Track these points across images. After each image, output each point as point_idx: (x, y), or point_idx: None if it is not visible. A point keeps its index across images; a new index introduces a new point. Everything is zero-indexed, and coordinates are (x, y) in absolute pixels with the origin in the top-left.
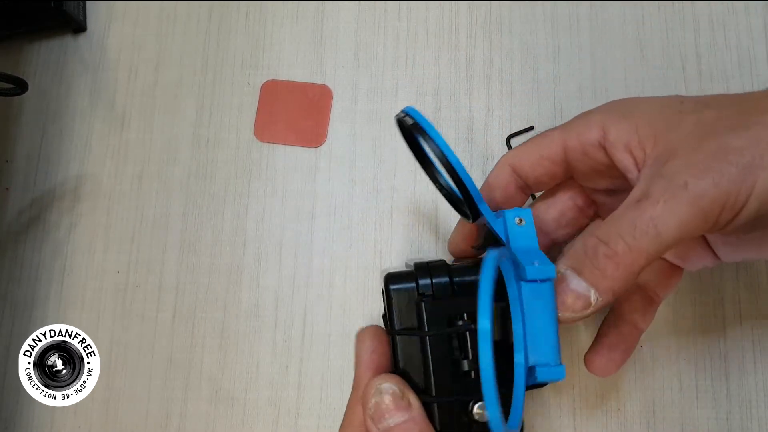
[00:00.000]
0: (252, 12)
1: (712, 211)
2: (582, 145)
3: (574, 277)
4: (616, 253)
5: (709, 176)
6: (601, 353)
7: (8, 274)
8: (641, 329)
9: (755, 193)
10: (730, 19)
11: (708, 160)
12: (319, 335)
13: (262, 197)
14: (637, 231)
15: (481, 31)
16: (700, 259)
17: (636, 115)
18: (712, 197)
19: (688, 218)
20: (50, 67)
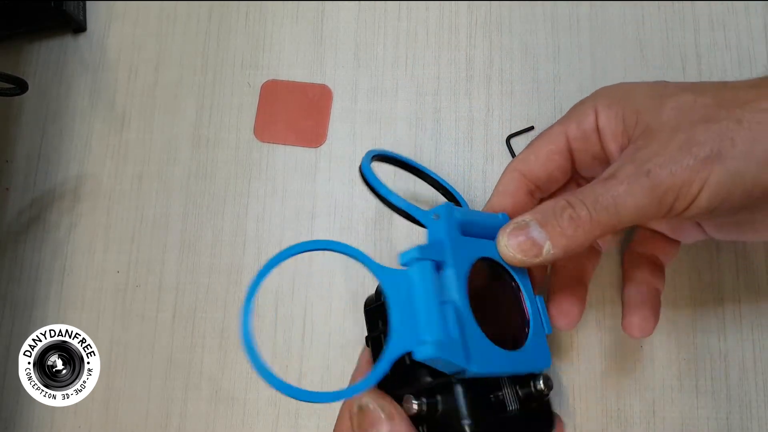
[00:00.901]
0: (252, 12)
1: (666, 199)
2: (582, 132)
3: (536, 226)
4: (579, 217)
5: (670, 166)
6: (633, 312)
7: (8, 274)
8: (658, 288)
9: (707, 186)
10: (730, 19)
11: (673, 152)
12: (319, 335)
13: (262, 197)
14: (599, 204)
15: (481, 31)
16: (692, 234)
17: (622, 103)
18: (667, 186)
19: (644, 203)
20: (50, 67)
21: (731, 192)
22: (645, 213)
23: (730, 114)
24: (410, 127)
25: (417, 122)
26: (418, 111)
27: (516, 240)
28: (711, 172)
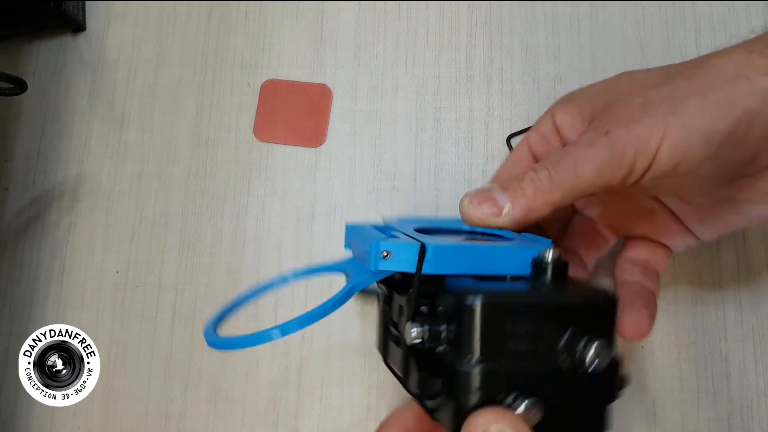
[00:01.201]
0: (252, 12)
1: (626, 155)
2: (541, 136)
3: (498, 190)
4: (539, 179)
5: (627, 124)
6: (624, 311)
7: (7, 274)
8: (651, 289)
9: (666, 140)
10: (730, 19)
11: (630, 113)
12: (318, 336)
13: (262, 197)
14: (559, 165)
15: (482, 31)
16: (681, 238)
17: (575, 98)
18: (625, 141)
19: (603, 160)
20: (49, 67)
21: (690, 143)
22: (605, 172)
23: (682, 76)
24: (410, 127)
25: (417, 122)
26: (418, 111)
27: (477, 199)
28: (667, 125)
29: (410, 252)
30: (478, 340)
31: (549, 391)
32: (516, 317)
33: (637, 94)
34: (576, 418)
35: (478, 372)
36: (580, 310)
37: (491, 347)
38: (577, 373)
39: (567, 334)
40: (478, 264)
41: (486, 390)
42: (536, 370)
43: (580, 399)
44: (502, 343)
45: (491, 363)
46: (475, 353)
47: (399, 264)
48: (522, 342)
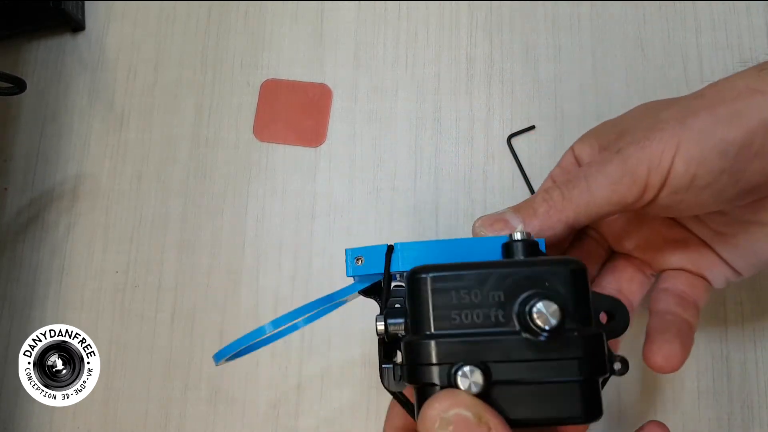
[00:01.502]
0: (252, 11)
1: (639, 171)
2: (562, 170)
3: (510, 212)
4: (551, 198)
5: (639, 142)
6: (655, 340)
7: (7, 274)
8: (687, 320)
9: (680, 153)
10: (731, 18)
11: (641, 131)
12: (318, 336)
13: (262, 197)
14: (571, 184)
15: (482, 31)
16: (718, 270)
17: (593, 131)
18: (638, 158)
19: (616, 176)
20: (49, 67)
21: (705, 154)
22: (619, 189)
23: (692, 95)
24: (410, 127)
25: (417, 122)
26: (419, 110)
27: (489, 221)
28: (680, 139)
29: (380, 254)
30: (424, 314)
31: (504, 359)
32: (460, 287)
33: (647, 117)
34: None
35: (424, 344)
36: (534, 274)
37: (439, 320)
38: (533, 339)
39: (519, 299)
40: (448, 257)
41: (436, 364)
42: (485, 338)
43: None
44: (448, 315)
45: (438, 335)
46: (424, 327)
47: (372, 267)
48: (470, 311)
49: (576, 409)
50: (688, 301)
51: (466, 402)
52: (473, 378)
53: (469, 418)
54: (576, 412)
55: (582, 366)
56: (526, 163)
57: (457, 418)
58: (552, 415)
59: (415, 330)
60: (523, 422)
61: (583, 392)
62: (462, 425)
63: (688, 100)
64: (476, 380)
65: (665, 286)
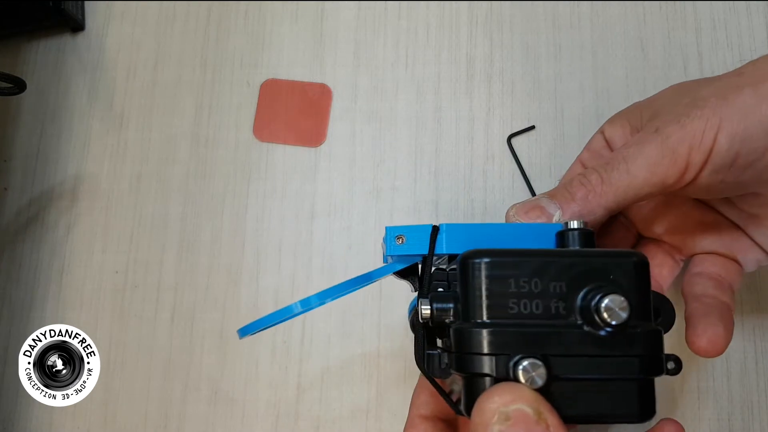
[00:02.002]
0: (251, 11)
1: (680, 150)
2: (593, 153)
3: (546, 199)
4: (589, 182)
5: (678, 119)
6: (698, 324)
7: (6, 274)
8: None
9: (723, 131)
10: (731, 18)
11: (679, 110)
12: (318, 336)
13: (262, 197)
14: (609, 166)
15: (482, 30)
16: (752, 253)
17: (624, 113)
18: (678, 137)
19: (656, 156)
20: (48, 67)
21: (749, 132)
22: (660, 169)
23: (731, 73)
24: (410, 127)
25: (417, 122)
26: (419, 110)
27: (524, 208)
28: (722, 116)
29: (424, 234)
30: (480, 301)
31: (564, 354)
32: (520, 275)
33: (685, 95)
34: (612, 391)
35: (479, 333)
36: (598, 266)
37: (495, 308)
38: (597, 334)
39: (583, 291)
40: (497, 243)
41: (491, 354)
42: (545, 330)
43: (609, 364)
44: (505, 303)
45: (495, 324)
46: (478, 315)
47: (413, 247)
48: (529, 301)
49: (632, 407)
50: (724, 284)
51: (527, 397)
52: (536, 372)
53: (529, 415)
54: (632, 410)
55: (642, 364)
56: (526, 163)
57: (516, 414)
58: (607, 413)
59: (466, 316)
60: (576, 419)
61: (641, 390)
62: (521, 421)
63: (727, 77)
64: (540, 374)
65: (699, 270)
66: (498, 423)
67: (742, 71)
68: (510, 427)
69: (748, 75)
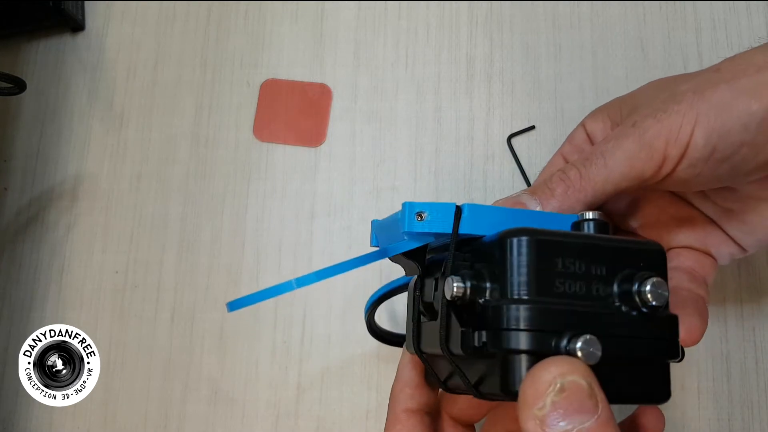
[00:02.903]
0: (251, 11)
1: (657, 144)
2: (574, 147)
3: (526, 195)
4: (568, 177)
5: (655, 114)
6: None
7: (6, 274)
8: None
9: (699, 125)
10: (731, 18)
11: (657, 105)
12: (318, 336)
13: (262, 197)
14: (588, 161)
15: (482, 30)
16: (725, 247)
17: (605, 108)
18: (655, 130)
19: (633, 150)
20: (48, 67)
21: (726, 126)
22: (637, 163)
23: (709, 69)
24: (410, 127)
25: (417, 122)
26: (419, 110)
27: (505, 204)
28: (699, 111)
29: (447, 212)
30: (525, 278)
31: (607, 333)
32: (565, 255)
33: (663, 91)
34: (639, 372)
35: (528, 309)
36: (632, 253)
37: (540, 286)
38: (634, 316)
39: (620, 275)
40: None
41: (537, 331)
42: (591, 310)
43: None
44: (551, 282)
45: (541, 302)
46: (522, 292)
47: (434, 225)
48: (573, 282)
49: (659, 388)
50: (698, 277)
51: (583, 371)
52: (593, 348)
53: (584, 388)
54: (659, 391)
55: (669, 347)
56: (526, 163)
57: (572, 386)
58: (638, 393)
59: (507, 294)
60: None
61: (665, 372)
62: (576, 394)
63: (705, 73)
64: (596, 350)
65: (674, 264)
66: (553, 394)
67: (720, 67)
68: (564, 398)
69: (725, 71)
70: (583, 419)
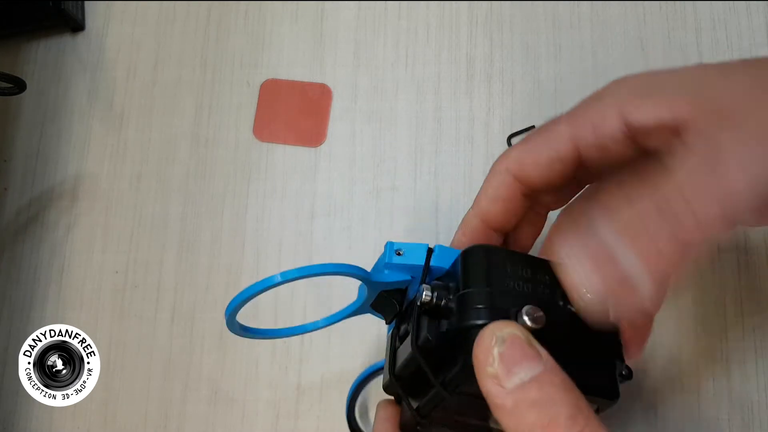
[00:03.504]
0: (251, 11)
1: None
2: (599, 140)
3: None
4: (681, 224)
5: None
6: None
7: (6, 274)
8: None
9: None
10: (731, 18)
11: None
12: (318, 336)
13: (262, 197)
14: (708, 197)
15: (482, 30)
16: None
17: (661, 89)
18: None
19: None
20: (48, 67)
21: None
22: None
23: None
24: (410, 127)
25: (417, 122)
26: (419, 110)
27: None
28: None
29: (419, 250)
30: (482, 272)
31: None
32: (514, 262)
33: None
34: (587, 366)
35: (485, 291)
36: None
37: (493, 280)
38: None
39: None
40: None
41: (492, 308)
42: (540, 298)
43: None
44: (502, 279)
45: (496, 289)
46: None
47: (410, 259)
48: (521, 282)
49: (607, 385)
50: None
51: (519, 327)
52: (537, 314)
53: (522, 338)
54: (608, 388)
55: (615, 348)
56: None
57: (511, 337)
58: (585, 384)
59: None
60: None
61: (611, 372)
62: (516, 342)
63: None
64: (539, 317)
65: None
66: (497, 347)
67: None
68: (507, 347)
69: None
70: (530, 366)
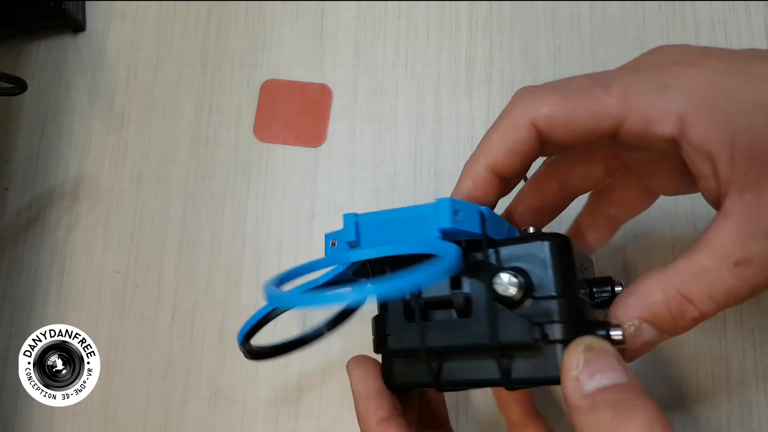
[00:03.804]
0: (251, 11)
1: None
2: (646, 133)
3: (649, 329)
4: (704, 314)
5: None
6: None
7: (7, 275)
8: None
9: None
10: (731, 18)
11: None
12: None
13: (262, 197)
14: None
15: (482, 31)
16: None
17: (730, 112)
18: None
19: None
20: (49, 67)
21: None
22: None
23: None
24: (410, 127)
25: (417, 122)
26: (419, 110)
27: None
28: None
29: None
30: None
31: None
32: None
33: None
34: None
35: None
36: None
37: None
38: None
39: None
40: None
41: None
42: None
43: None
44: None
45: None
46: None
47: (464, 224)
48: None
49: None
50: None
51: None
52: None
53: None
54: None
55: None
56: None
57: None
58: None
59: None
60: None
61: None
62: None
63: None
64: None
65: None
66: (584, 354)
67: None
68: (594, 355)
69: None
70: (613, 375)
